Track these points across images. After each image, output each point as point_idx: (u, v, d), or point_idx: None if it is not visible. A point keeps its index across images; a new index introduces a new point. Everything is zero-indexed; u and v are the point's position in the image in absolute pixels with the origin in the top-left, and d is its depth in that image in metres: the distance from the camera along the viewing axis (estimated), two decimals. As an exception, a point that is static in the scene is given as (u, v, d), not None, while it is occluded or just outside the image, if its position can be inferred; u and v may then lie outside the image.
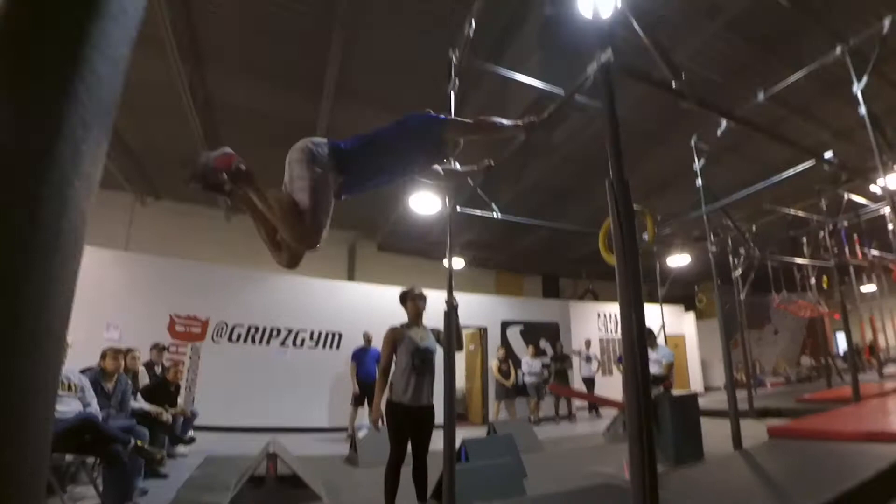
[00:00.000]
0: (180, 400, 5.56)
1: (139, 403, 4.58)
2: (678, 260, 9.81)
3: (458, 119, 2.10)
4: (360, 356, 7.11)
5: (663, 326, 10.57)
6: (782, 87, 4.81)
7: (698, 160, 5.17)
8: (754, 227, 8.67)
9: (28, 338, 0.64)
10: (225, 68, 5.66)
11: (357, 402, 6.90)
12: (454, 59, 3.37)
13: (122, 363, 4.37)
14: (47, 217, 0.69)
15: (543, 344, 10.58)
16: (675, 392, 5.91)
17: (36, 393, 0.66)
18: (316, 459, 5.38)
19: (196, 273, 8.03)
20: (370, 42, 5.29)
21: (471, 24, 3.17)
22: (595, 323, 12.38)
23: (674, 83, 2.51)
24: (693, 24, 5.02)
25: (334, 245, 10.90)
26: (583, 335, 11.11)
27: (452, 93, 3.41)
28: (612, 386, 10.56)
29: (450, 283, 3.18)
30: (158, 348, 6.11)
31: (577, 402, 10.09)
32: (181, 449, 5.26)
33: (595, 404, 9.99)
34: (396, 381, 3.06)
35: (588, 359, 10.23)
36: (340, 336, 8.47)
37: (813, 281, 10.76)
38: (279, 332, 8.17)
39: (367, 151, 1.86)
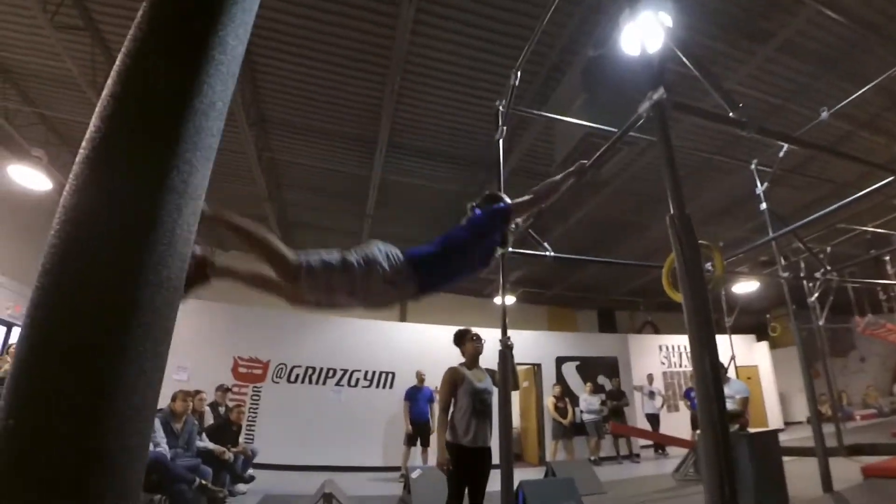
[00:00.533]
0: (241, 439, 5.75)
1: (204, 443, 4.78)
2: (746, 287, 9.20)
3: (520, 201, 2.09)
4: (413, 395, 7.11)
5: (733, 358, 9.85)
6: (846, 103, 4.55)
7: (760, 184, 4.94)
8: (829, 248, 8.04)
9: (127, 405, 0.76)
10: (288, 131, 6.14)
11: (410, 441, 6.85)
12: (501, 109, 3.47)
13: (191, 404, 4.61)
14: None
15: (602, 380, 10.10)
16: (752, 429, 5.42)
17: (133, 453, 0.76)
18: (370, 500, 5.34)
19: (258, 318, 8.41)
20: (420, 101, 5.61)
21: (516, 75, 3.27)
22: (657, 356, 11.70)
23: (731, 113, 2.44)
24: (743, 49, 4.92)
25: (386, 285, 11.20)
26: (644, 370, 10.52)
27: (500, 141, 3.49)
28: (679, 423, 9.84)
29: (504, 322, 3.16)
30: (223, 389, 6.41)
31: (640, 441, 9.47)
32: (241, 487, 5.38)
33: (661, 444, 9.32)
34: (457, 423, 3.02)
35: (651, 394, 9.64)
36: (394, 376, 8.55)
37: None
38: (335, 372, 8.37)
39: (442, 260, 1.91)
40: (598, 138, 4.50)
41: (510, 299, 10.72)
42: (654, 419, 9.48)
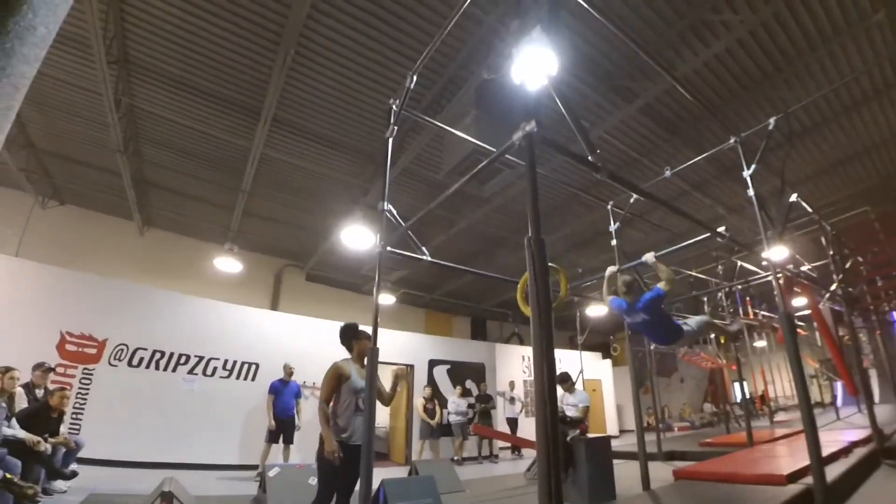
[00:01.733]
0: (63, 428, 4.96)
1: (13, 430, 4.05)
2: (596, 310, 10.47)
3: None
4: (279, 389, 6.71)
5: (581, 371, 11.17)
6: (685, 166, 5.51)
7: (613, 222, 5.71)
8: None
9: None
10: (156, 80, 5.49)
11: (272, 438, 6.46)
12: (394, 108, 3.56)
13: (-1, 383, 3.88)
14: None
15: (469, 384, 10.70)
16: (591, 435, 6.21)
17: None
18: (219, 500, 4.97)
19: (97, 287, 7.25)
20: (313, 81, 5.41)
21: (413, 78, 3.39)
22: (520, 365, 12.72)
23: (589, 157, 2.82)
24: (612, 103, 5.68)
25: (259, 271, 10.47)
26: (507, 377, 11.37)
27: (391, 140, 3.58)
28: (534, 427, 10.79)
29: (375, 321, 3.22)
30: (43, 369, 5.43)
31: (499, 443, 10.18)
32: (60, 484, 4.63)
33: (517, 446, 10.16)
34: (338, 419, 3.02)
35: (512, 400, 10.45)
36: (257, 367, 7.98)
37: (713, 336, 11.99)
38: (188, 359, 7.52)
39: None
40: (483, 156, 4.84)
41: (390, 299, 10.81)
42: (513, 423, 10.24)
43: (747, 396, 14.80)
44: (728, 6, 4.54)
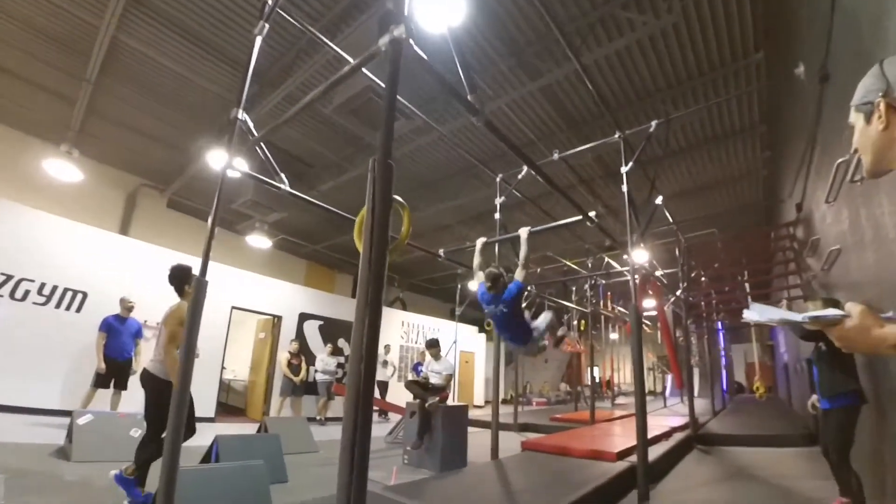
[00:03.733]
0: None
1: None
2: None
3: None
4: (114, 327, 5.71)
5: (455, 342, 11.52)
6: (573, 152, 5.61)
7: (500, 195, 5.71)
8: (539, 270, 10.10)
9: None
10: None
11: (100, 382, 5.51)
12: (269, 1, 3.02)
13: None
14: None
15: (342, 343, 10.40)
16: (450, 403, 6.37)
17: None
18: (16, 448, 4.19)
19: None
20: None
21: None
22: (398, 330, 12.75)
23: (469, 96, 2.46)
24: (518, 78, 5.61)
25: (108, 187, 8.87)
26: (384, 340, 11.30)
27: (258, 39, 3.03)
28: (404, 392, 10.96)
29: (207, 248, 2.69)
30: None
31: (366, 405, 10.12)
32: None
33: (383, 409, 10.16)
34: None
35: (385, 363, 10.39)
36: (85, 296, 6.78)
37: (575, 322, 13.16)
38: (-10, 276, 6.11)
39: None
40: (378, 96, 4.43)
41: (265, 243, 9.95)
42: (383, 386, 10.18)
43: (597, 380, 16.79)
44: (636, 6, 4.65)
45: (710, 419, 8.70)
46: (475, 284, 4.11)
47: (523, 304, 4.20)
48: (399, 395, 10.51)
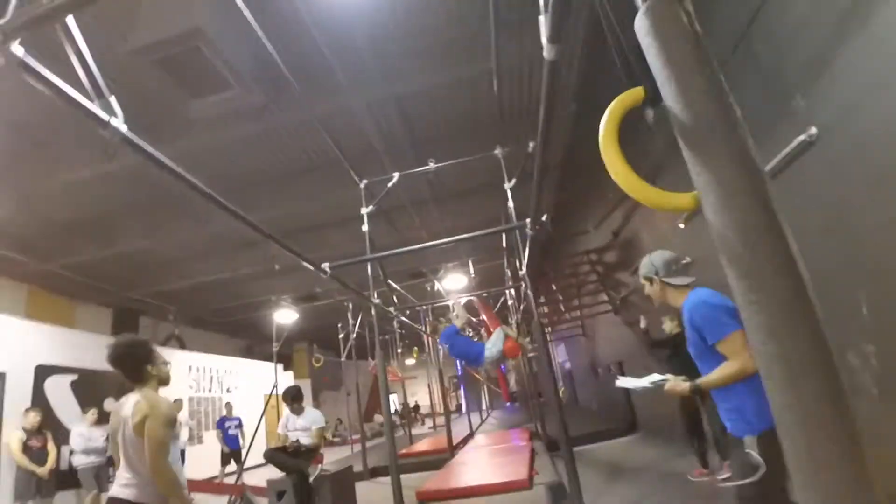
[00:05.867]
0: None
1: None
2: (285, 316, 9.02)
3: None
4: None
5: (276, 386, 9.57)
6: (453, 163, 5.22)
7: (366, 205, 5.02)
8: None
9: None
10: None
11: None
12: None
13: None
14: None
15: (111, 405, 7.26)
16: (328, 468, 5.16)
17: None
18: None
19: None
20: None
21: None
22: (185, 378, 9.88)
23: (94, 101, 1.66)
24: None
25: None
26: (170, 395, 8.48)
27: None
28: (204, 459, 8.35)
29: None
30: None
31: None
32: None
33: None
34: None
35: (177, 425, 7.72)
36: None
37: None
38: None
39: None
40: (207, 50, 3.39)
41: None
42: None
43: (399, 408, 16.68)
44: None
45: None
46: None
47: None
48: (197, 464, 7.96)
